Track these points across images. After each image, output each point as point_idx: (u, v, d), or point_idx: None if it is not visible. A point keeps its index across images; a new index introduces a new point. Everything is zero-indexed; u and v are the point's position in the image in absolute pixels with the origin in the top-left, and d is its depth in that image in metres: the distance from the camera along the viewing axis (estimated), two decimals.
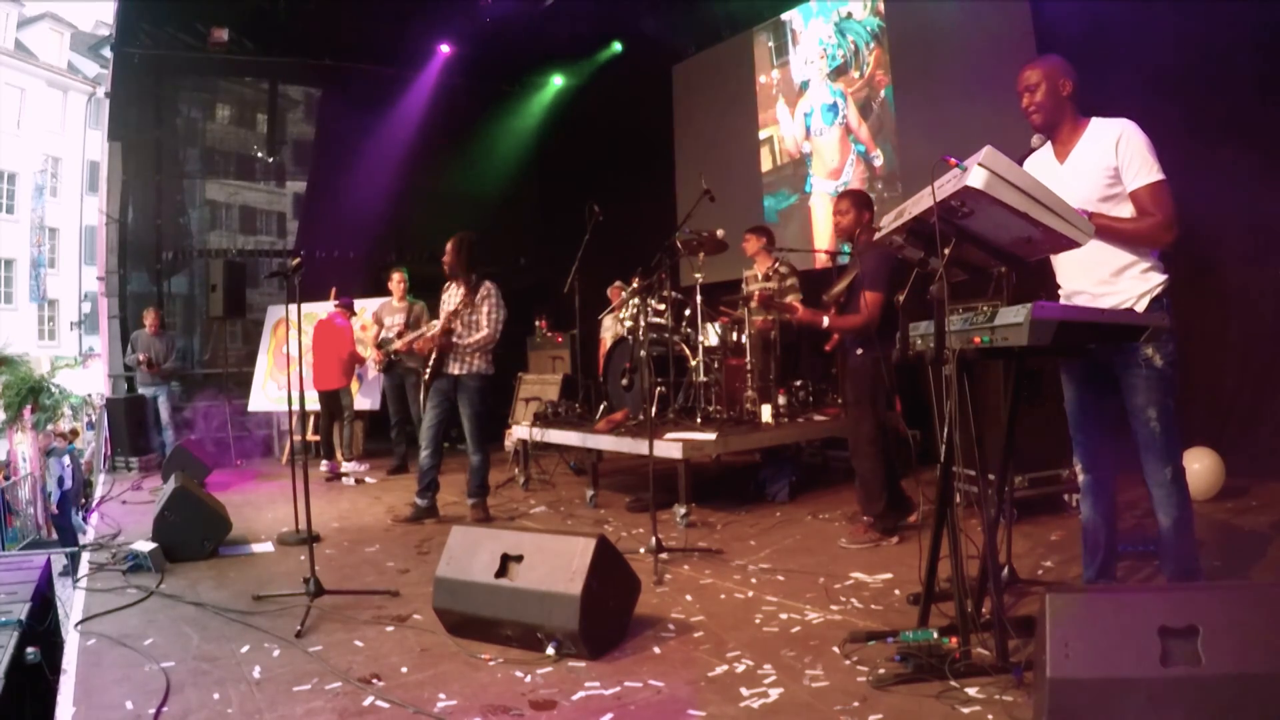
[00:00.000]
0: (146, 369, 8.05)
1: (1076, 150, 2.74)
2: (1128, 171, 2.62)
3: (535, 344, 9.15)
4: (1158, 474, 2.63)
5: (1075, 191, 2.65)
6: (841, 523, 4.55)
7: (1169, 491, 2.63)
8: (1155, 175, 2.59)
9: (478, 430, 5.03)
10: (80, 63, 27.13)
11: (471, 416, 5.01)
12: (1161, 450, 2.62)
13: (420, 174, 9.61)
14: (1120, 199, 2.65)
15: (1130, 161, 2.61)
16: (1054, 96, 2.72)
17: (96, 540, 4.73)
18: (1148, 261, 2.65)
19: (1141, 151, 2.60)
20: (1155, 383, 2.60)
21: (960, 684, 2.32)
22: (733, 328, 5.71)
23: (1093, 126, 2.72)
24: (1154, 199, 2.59)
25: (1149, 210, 2.60)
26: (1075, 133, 2.75)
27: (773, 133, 8.70)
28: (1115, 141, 2.63)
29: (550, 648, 2.74)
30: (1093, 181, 2.67)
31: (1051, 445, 4.32)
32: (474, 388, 5.00)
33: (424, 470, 5.06)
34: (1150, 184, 2.59)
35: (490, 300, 5.02)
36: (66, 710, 2.49)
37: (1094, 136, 2.70)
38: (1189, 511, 2.66)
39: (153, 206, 9.20)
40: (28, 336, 23.47)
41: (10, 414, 15.71)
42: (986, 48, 6.39)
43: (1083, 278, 2.75)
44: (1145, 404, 2.61)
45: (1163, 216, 2.58)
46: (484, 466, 5.07)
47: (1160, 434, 2.61)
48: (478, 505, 5.03)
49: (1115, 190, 2.65)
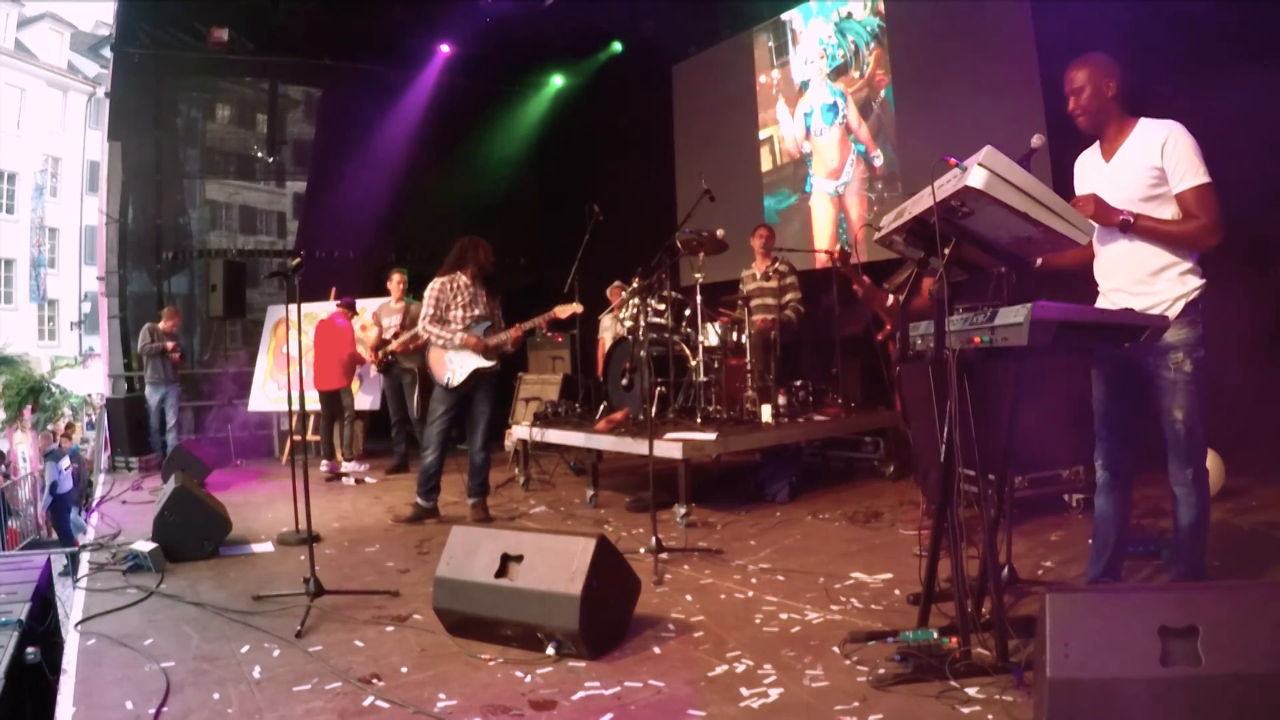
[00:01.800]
0: (177, 356, 8.00)
1: (1123, 150, 2.74)
2: (1174, 174, 2.61)
3: (535, 344, 9.15)
4: (1179, 474, 2.66)
5: (1118, 191, 2.66)
6: (841, 523, 4.55)
7: (1189, 492, 2.66)
8: (1201, 178, 2.59)
9: (491, 429, 5.09)
10: (80, 63, 27.13)
11: (486, 413, 5.06)
12: (1185, 452, 2.65)
13: (420, 174, 9.61)
14: (1163, 200, 2.65)
15: (1177, 164, 2.60)
16: (1099, 98, 2.72)
17: (96, 540, 4.73)
18: (1186, 264, 2.65)
19: (1188, 154, 2.59)
20: (1183, 386, 2.62)
21: (960, 684, 2.32)
22: (733, 328, 5.71)
23: (1140, 127, 2.71)
24: (1199, 202, 2.59)
25: (1194, 213, 2.59)
26: (1122, 132, 2.74)
27: (773, 133, 8.70)
28: (1162, 143, 2.62)
29: (550, 648, 2.74)
30: (1137, 181, 2.67)
31: (1051, 445, 4.33)
32: (496, 385, 5.09)
33: (430, 472, 5.05)
34: (1196, 186, 2.59)
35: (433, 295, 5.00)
36: (66, 710, 2.48)
37: (1140, 137, 2.70)
38: (1206, 515, 2.69)
39: (153, 206, 9.21)
40: (28, 336, 23.49)
41: (10, 414, 15.72)
42: (986, 48, 6.40)
43: (1121, 276, 2.76)
44: (1172, 406, 2.63)
45: (1208, 220, 2.58)
46: (486, 466, 5.09)
47: (1184, 436, 2.64)
48: (477, 505, 5.03)
49: (1159, 191, 2.65)
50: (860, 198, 7.78)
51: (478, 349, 4.95)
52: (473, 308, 4.99)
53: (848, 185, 7.89)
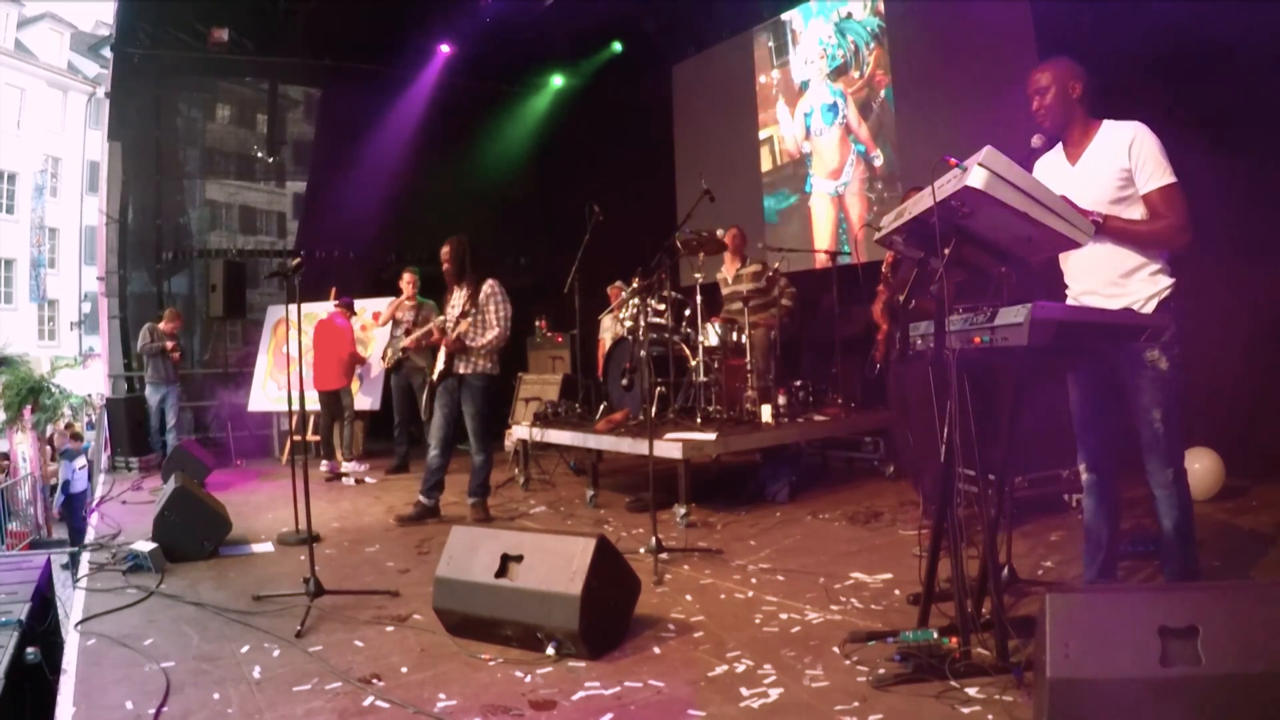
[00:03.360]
0: (176, 356, 8.00)
1: (1088, 152, 2.73)
2: (1140, 174, 2.61)
3: (535, 344, 9.16)
4: (1160, 475, 2.64)
5: (1087, 194, 2.65)
6: (841, 523, 4.55)
7: (1171, 493, 2.64)
8: (1167, 178, 2.59)
9: (482, 430, 5.02)
10: (80, 63, 27.12)
11: (475, 416, 5.00)
12: (1164, 452, 2.63)
13: (420, 174, 9.60)
14: (1131, 201, 2.65)
15: (1143, 164, 2.60)
16: (1064, 100, 2.72)
17: (96, 540, 4.73)
18: (1157, 264, 2.65)
19: (1154, 154, 2.60)
20: (1160, 385, 2.61)
21: (960, 684, 2.32)
22: (732, 328, 5.71)
23: (1104, 129, 2.71)
24: (1166, 202, 2.59)
25: (1162, 213, 2.60)
26: (1087, 135, 2.74)
27: (773, 133, 8.70)
28: (1128, 144, 2.62)
29: (550, 648, 2.74)
30: (1104, 184, 2.67)
31: (1051, 445, 4.32)
32: (479, 387, 4.98)
33: (432, 470, 5.06)
34: (1163, 186, 2.59)
35: (496, 298, 4.97)
36: (66, 710, 2.49)
37: (1106, 139, 2.70)
38: (1190, 514, 2.67)
39: (153, 206, 9.20)
40: (28, 336, 23.47)
41: (10, 414, 15.71)
42: (986, 48, 6.40)
43: (1092, 279, 2.76)
44: (1150, 405, 2.62)
45: (1175, 219, 2.58)
46: (486, 466, 5.07)
47: (1163, 436, 2.62)
48: (478, 505, 5.03)
49: (1127, 193, 2.65)
50: (860, 198, 7.78)
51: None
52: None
53: (848, 185, 7.89)
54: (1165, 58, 4.82)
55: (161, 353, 7.91)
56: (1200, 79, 4.82)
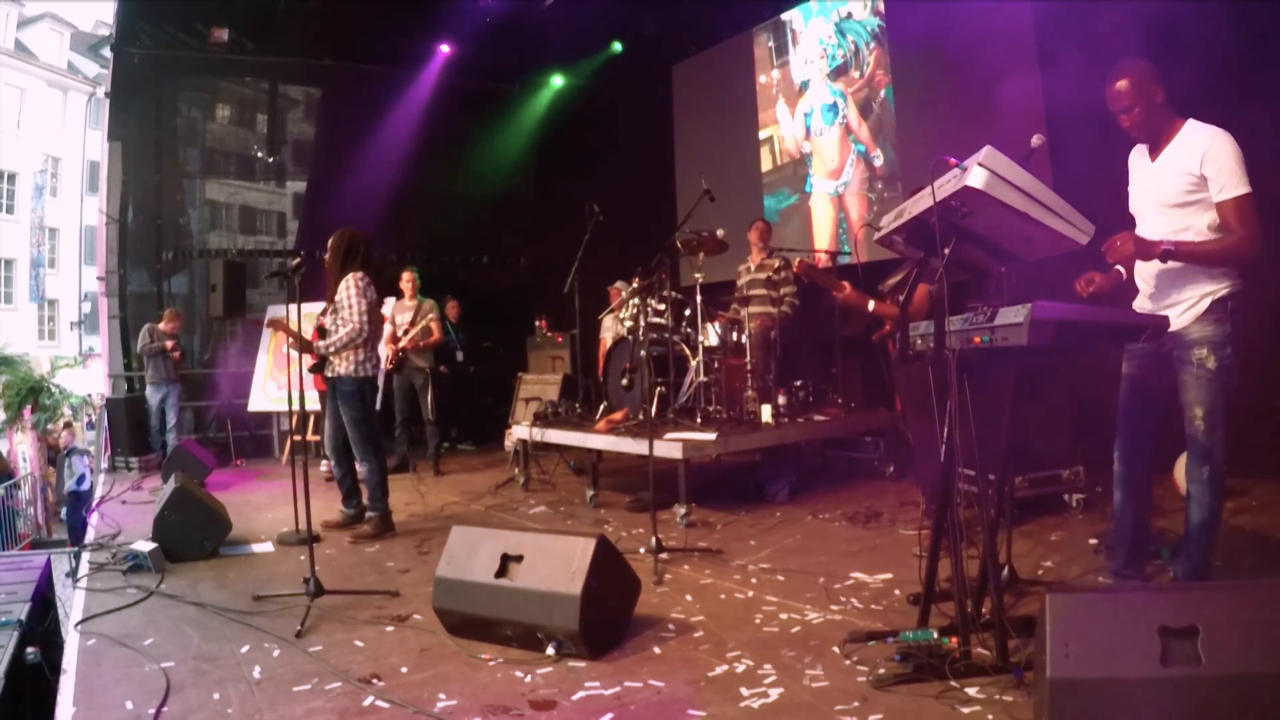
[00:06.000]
0: (177, 355, 7.98)
1: (1165, 153, 2.75)
2: (1215, 183, 2.61)
3: (535, 344, 9.15)
4: (1195, 471, 2.68)
5: (1157, 192, 2.68)
6: (841, 523, 4.55)
7: (1202, 489, 2.67)
8: (1241, 189, 2.58)
9: (360, 438, 4.69)
10: (80, 63, 27.12)
11: (350, 423, 4.67)
12: (1202, 449, 2.66)
13: (420, 174, 9.60)
14: (1198, 205, 2.65)
15: (1218, 173, 2.59)
16: (1150, 109, 2.71)
17: (96, 540, 4.73)
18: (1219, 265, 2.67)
19: (1229, 164, 2.59)
20: (1206, 384, 2.64)
21: (960, 684, 2.32)
22: (732, 328, 5.71)
23: (1185, 130, 2.71)
24: (1238, 214, 2.58)
25: (1232, 225, 2.59)
26: (1170, 134, 2.74)
27: (773, 133, 8.70)
28: (1203, 152, 2.62)
29: (550, 648, 2.74)
30: (1174, 184, 2.68)
31: (1051, 445, 4.32)
32: (348, 391, 4.65)
33: (338, 481, 4.90)
34: (1236, 197, 2.58)
35: (351, 292, 4.57)
36: (66, 710, 2.48)
37: (1183, 142, 2.70)
38: (1217, 515, 2.70)
39: (153, 206, 9.20)
40: (28, 336, 23.47)
41: (10, 414, 15.72)
42: (986, 47, 6.40)
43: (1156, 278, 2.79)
44: (1194, 402, 2.65)
45: (1245, 233, 2.58)
46: (374, 475, 4.70)
47: (1203, 433, 2.65)
48: (374, 520, 4.69)
49: (1194, 197, 2.65)
50: (860, 198, 7.78)
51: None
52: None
53: (848, 185, 7.89)
54: (1165, 57, 4.81)
55: (161, 353, 7.92)
56: (1200, 77, 4.81)
